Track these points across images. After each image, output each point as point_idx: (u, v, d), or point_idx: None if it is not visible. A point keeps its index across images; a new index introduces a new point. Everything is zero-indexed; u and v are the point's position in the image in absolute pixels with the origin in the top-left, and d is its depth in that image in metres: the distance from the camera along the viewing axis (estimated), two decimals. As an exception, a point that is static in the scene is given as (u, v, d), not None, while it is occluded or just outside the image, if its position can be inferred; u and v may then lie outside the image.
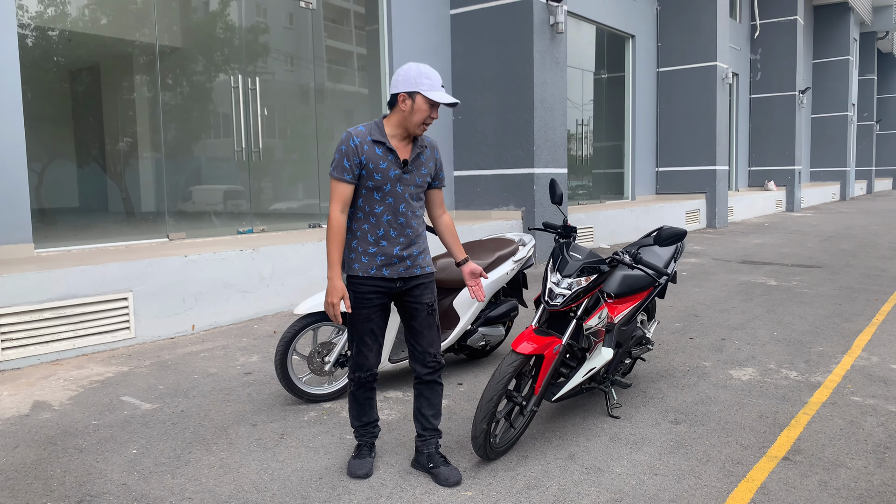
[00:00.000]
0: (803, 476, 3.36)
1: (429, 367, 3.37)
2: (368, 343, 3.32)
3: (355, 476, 3.38)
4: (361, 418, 3.50)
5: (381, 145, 3.18)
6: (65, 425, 4.12)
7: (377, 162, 3.16)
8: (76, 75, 7.38)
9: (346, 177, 3.15)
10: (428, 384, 3.41)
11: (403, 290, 3.31)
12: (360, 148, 3.14)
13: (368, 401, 3.48)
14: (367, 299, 3.26)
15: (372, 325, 3.30)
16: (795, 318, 6.71)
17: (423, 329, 3.35)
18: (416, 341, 3.36)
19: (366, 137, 3.17)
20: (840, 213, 21.32)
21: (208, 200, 8.41)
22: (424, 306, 3.33)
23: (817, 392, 4.55)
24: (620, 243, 13.27)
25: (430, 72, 3.15)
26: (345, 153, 3.14)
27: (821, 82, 27.14)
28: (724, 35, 16.28)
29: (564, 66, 11.05)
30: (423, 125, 3.18)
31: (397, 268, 3.25)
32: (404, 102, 3.15)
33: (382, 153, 3.17)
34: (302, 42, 9.37)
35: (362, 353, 3.33)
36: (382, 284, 3.26)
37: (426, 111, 3.15)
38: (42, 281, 5.44)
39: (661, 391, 4.61)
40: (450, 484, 3.29)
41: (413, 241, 3.29)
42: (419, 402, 3.43)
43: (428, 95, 3.12)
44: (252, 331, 6.47)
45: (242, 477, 3.41)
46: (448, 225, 3.47)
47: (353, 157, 3.14)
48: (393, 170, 3.18)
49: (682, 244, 4.75)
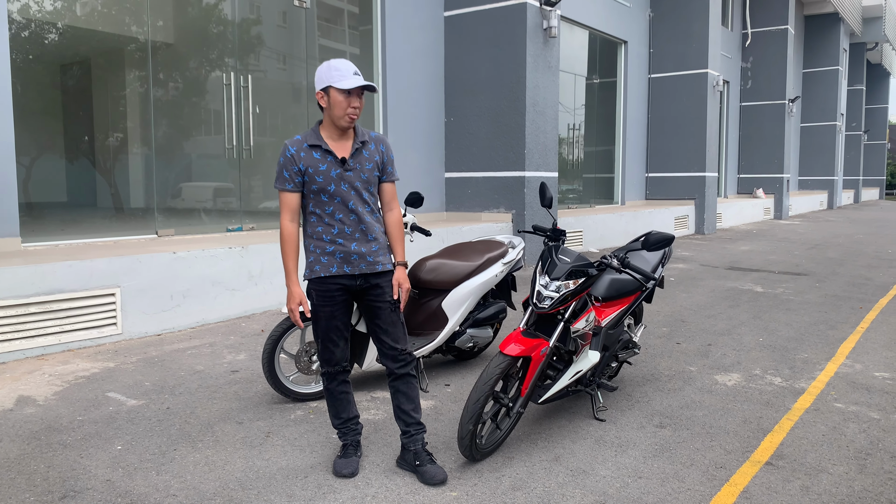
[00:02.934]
0: (786, 481, 3.39)
1: (399, 360, 3.42)
2: (334, 339, 3.39)
3: (341, 475, 3.38)
4: (340, 415, 3.52)
5: (318, 148, 3.25)
6: (49, 420, 4.10)
7: (316, 165, 3.23)
8: (67, 69, 7.34)
9: (287, 186, 3.24)
10: (401, 378, 3.44)
11: (364, 289, 3.36)
12: (296, 156, 3.23)
13: (344, 395, 3.50)
14: (330, 297, 3.32)
15: (336, 321, 3.37)
16: (781, 324, 6.77)
17: (389, 326, 3.39)
18: (383, 339, 3.40)
19: (302, 144, 3.25)
20: (827, 221, 21.50)
21: (198, 197, 8.38)
22: (387, 304, 3.38)
23: (801, 398, 4.59)
24: (609, 248, 13.32)
25: (339, 64, 3.20)
26: (283, 164, 3.24)
27: (810, 92, 27.36)
28: (715, 43, 16.39)
29: (557, 71, 11.09)
30: (346, 117, 3.21)
31: (357, 264, 3.30)
32: (322, 100, 3.23)
33: (320, 156, 3.25)
34: (295, 41, 9.36)
35: (328, 348, 3.40)
36: (345, 282, 3.32)
37: (343, 101, 3.19)
38: (29, 275, 5.40)
39: (647, 395, 4.64)
40: (435, 482, 3.30)
41: (370, 237, 3.33)
42: (397, 398, 3.46)
43: (337, 85, 3.15)
44: (240, 329, 6.45)
45: (228, 474, 3.40)
46: (393, 221, 3.46)
47: (292, 166, 3.23)
48: (333, 169, 3.25)
49: (670, 249, 4.78)
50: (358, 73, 3.21)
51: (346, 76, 3.16)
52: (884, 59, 36.89)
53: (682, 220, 16.20)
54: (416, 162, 10.91)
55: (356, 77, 3.18)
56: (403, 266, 3.43)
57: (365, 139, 3.35)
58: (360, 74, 3.21)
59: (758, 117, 21.92)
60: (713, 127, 16.59)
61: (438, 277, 4.87)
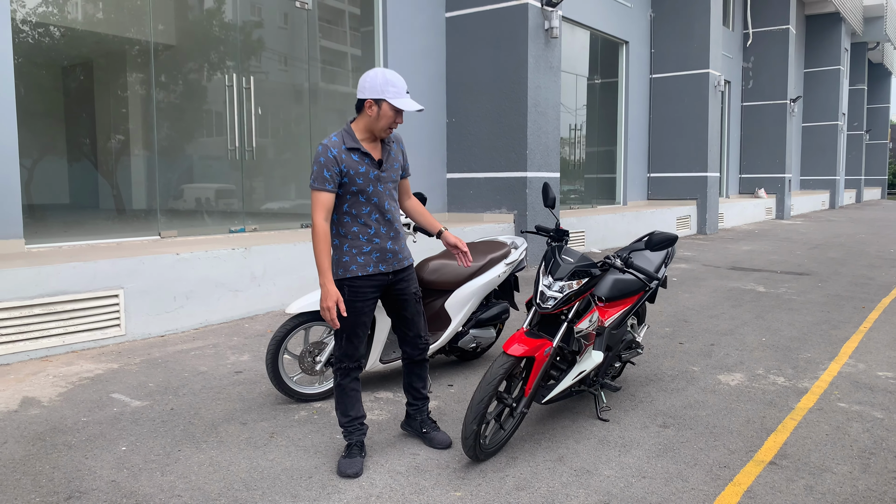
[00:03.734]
0: (789, 480, 3.39)
1: (420, 348, 3.70)
2: (360, 335, 3.50)
3: (345, 475, 3.40)
4: (349, 412, 3.56)
5: (356, 151, 3.35)
6: (54, 421, 4.11)
7: (356, 167, 3.33)
8: (69, 71, 7.36)
9: (327, 186, 3.29)
10: (418, 363, 3.75)
11: (392, 283, 3.54)
12: (338, 158, 3.30)
13: (354, 392, 3.57)
14: (363, 294, 3.44)
15: (365, 317, 3.48)
16: (784, 324, 6.77)
17: (413, 316, 3.65)
18: (407, 328, 3.66)
19: (341, 147, 3.33)
20: (829, 221, 21.48)
21: (201, 199, 8.40)
22: (412, 296, 3.62)
23: (804, 398, 4.59)
24: (611, 248, 13.32)
25: (395, 79, 3.30)
26: (324, 164, 3.29)
27: (812, 91, 27.35)
28: (716, 43, 16.39)
29: (558, 71, 11.10)
30: (388, 129, 3.37)
31: (391, 262, 3.49)
32: (371, 108, 3.30)
33: (359, 158, 3.35)
34: (297, 42, 9.37)
35: (353, 343, 3.48)
36: (379, 279, 3.48)
37: (391, 117, 3.33)
38: (32, 277, 5.42)
39: (650, 395, 4.64)
40: (443, 446, 3.68)
41: (398, 233, 3.54)
42: (410, 378, 3.77)
43: (394, 103, 3.27)
44: (243, 330, 6.46)
45: (232, 475, 3.41)
46: (416, 206, 3.75)
47: (333, 167, 3.29)
48: (371, 171, 3.37)
49: (673, 249, 4.79)
50: (409, 92, 3.34)
51: (401, 94, 3.30)
52: (885, 58, 36.86)
53: (684, 220, 16.20)
54: (418, 163, 10.92)
55: (408, 97, 3.33)
56: (445, 230, 3.74)
57: (391, 140, 3.53)
58: (409, 92, 3.35)
59: (759, 117, 21.91)
60: (715, 127, 16.59)
61: (441, 278, 4.87)
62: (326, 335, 4.53)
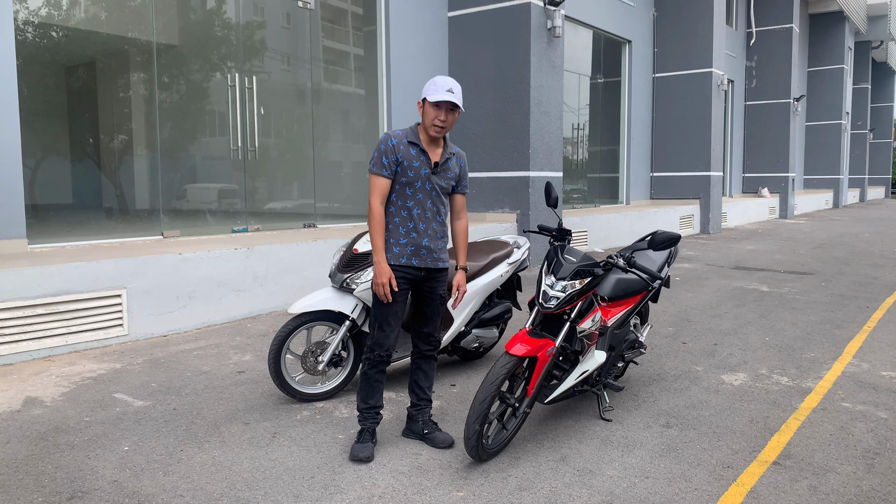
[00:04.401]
0: (793, 481, 3.38)
1: (430, 344, 3.82)
2: (392, 324, 3.63)
3: (357, 459, 3.55)
4: (368, 400, 3.72)
5: (416, 146, 3.57)
6: (56, 421, 4.11)
7: (411, 160, 3.54)
8: (73, 72, 7.36)
9: (384, 172, 3.52)
10: (427, 358, 3.83)
11: (423, 280, 3.69)
12: (396, 147, 3.53)
13: (378, 384, 3.72)
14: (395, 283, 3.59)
15: (396, 307, 3.62)
16: (787, 324, 6.75)
17: (433, 315, 3.78)
18: (423, 324, 3.78)
19: (402, 139, 3.56)
20: (833, 220, 21.43)
21: (203, 199, 8.40)
22: (438, 296, 3.76)
23: (808, 398, 4.57)
24: (614, 247, 13.31)
25: (439, 79, 3.51)
26: (383, 151, 3.52)
27: (815, 90, 27.29)
28: (720, 42, 16.35)
29: (561, 71, 11.09)
30: (434, 126, 3.52)
31: (425, 259, 3.63)
32: (420, 108, 3.58)
33: (416, 153, 3.56)
34: (299, 42, 9.37)
35: (384, 332, 3.62)
36: (410, 272, 3.62)
37: (431, 112, 3.52)
38: (35, 277, 5.42)
39: (653, 395, 4.63)
40: (445, 446, 3.70)
41: (438, 235, 3.67)
42: (417, 374, 3.84)
43: (428, 98, 3.50)
44: (245, 329, 6.46)
45: (234, 475, 3.41)
46: (461, 230, 3.80)
47: (391, 154, 3.52)
48: (424, 169, 3.56)
49: (676, 249, 4.77)
50: (452, 91, 3.47)
51: (439, 91, 3.46)
52: (889, 57, 36.75)
53: (687, 219, 16.17)
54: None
55: (446, 93, 3.46)
56: (464, 270, 3.77)
57: (453, 151, 3.71)
58: (454, 92, 3.48)
59: (763, 116, 21.86)
60: (718, 126, 16.56)
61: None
62: (329, 335, 4.53)
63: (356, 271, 4.40)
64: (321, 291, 4.48)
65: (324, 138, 9.72)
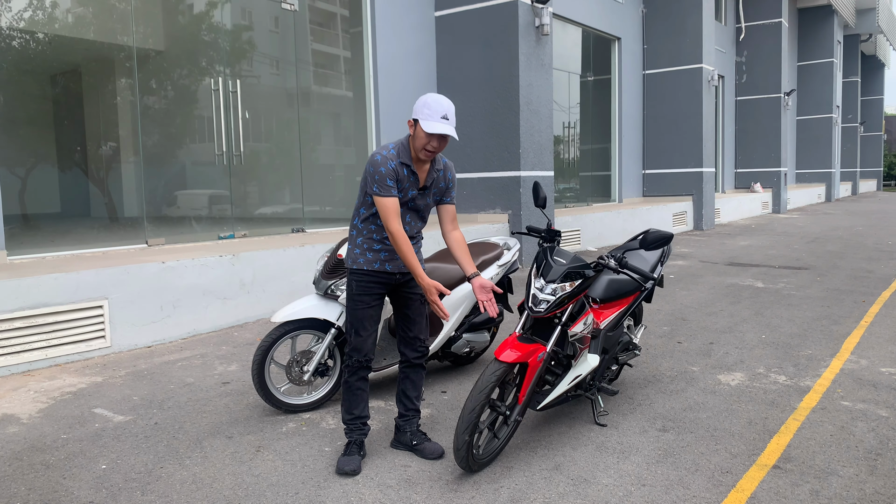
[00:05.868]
0: (794, 485, 3.27)
1: (418, 350, 3.71)
2: (367, 328, 3.58)
3: (343, 472, 3.44)
4: (353, 410, 3.63)
5: (407, 167, 3.47)
6: (32, 440, 3.97)
7: (404, 182, 3.48)
8: (57, 79, 7.22)
9: (393, 192, 3.42)
10: (415, 367, 3.73)
11: (401, 283, 3.64)
12: (397, 170, 3.44)
13: (360, 392, 3.63)
14: (368, 288, 3.56)
15: (371, 311, 3.57)
16: (783, 320, 6.65)
17: (416, 317, 3.69)
18: (408, 328, 3.69)
19: (396, 160, 3.45)
20: (826, 214, 21.39)
21: (188, 205, 8.25)
22: (417, 296, 3.68)
23: (807, 397, 4.47)
24: (607, 246, 13.21)
25: (434, 102, 3.36)
26: (385, 174, 3.40)
27: (805, 84, 27.26)
28: (709, 37, 16.28)
29: (550, 69, 10.98)
30: (424, 151, 3.40)
31: (398, 263, 3.57)
32: (412, 127, 3.43)
33: (408, 174, 3.48)
34: (285, 45, 9.24)
35: (360, 336, 3.57)
36: (384, 277, 3.58)
37: (423, 138, 3.38)
38: (13, 289, 5.28)
39: (649, 397, 4.51)
40: (435, 456, 3.59)
41: (412, 242, 3.62)
42: (405, 384, 3.73)
43: (422, 125, 3.33)
44: (232, 338, 6.32)
45: (215, 493, 3.28)
46: (458, 240, 3.65)
47: (394, 177, 3.43)
48: (412, 190, 3.51)
49: (669, 248, 4.66)
50: (447, 118, 3.34)
51: (433, 118, 3.33)
52: (878, 50, 36.80)
53: (681, 216, 16.09)
54: (410, 164, 10.76)
55: (441, 123, 3.32)
56: (478, 275, 3.54)
57: (440, 167, 3.60)
58: (448, 119, 3.35)
59: (754, 111, 21.81)
60: (709, 122, 16.49)
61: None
62: (314, 344, 4.40)
63: (341, 277, 4.27)
64: (305, 299, 4.35)
65: (311, 142, 9.59)
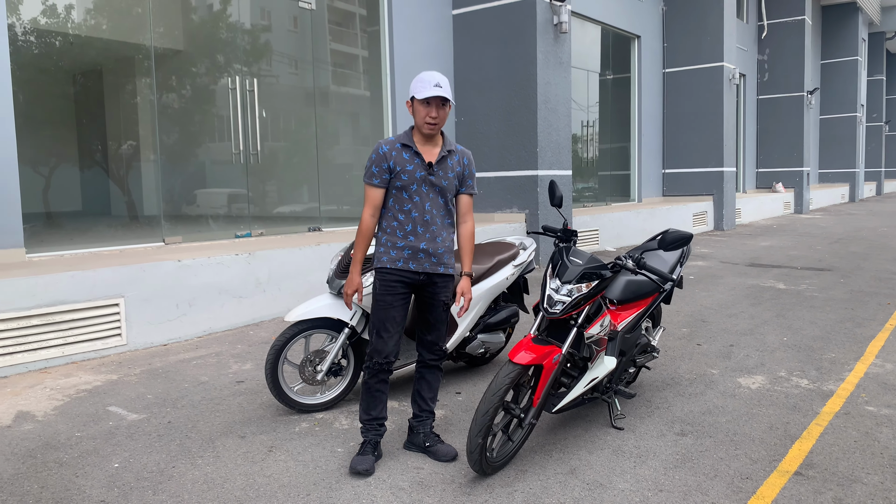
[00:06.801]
0: (817, 493, 3.18)
1: (435, 353, 3.64)
2: (389, 329, 3.51)
3: (356, 472, 3.41)
4: (370, 412, 3.60)
5: (409, 149, 3.45)
6: (47, 437, 3.97)
7: (404, 164, 3.43)
8: (78, 79, 7.26)
9: (374, 181, 3.44)
10: (431, 368, 3.67)
11: (424, 284, 3.55)
12: (388, 154, 3.43)
13: (379, 394, 3.59)
14: (391, 288, 3.49)
15: (394, 312, 3.51)
16: (805, 323, 6.52)
17: (437, 323, 3.61)
18: (427, 331, 3.62)
19: (394, 144, 3.46)
20: (849, 214, 21.06)
21: (206, 204, 8.27)
22: (440, 303, 3.58)
23: (830, 401, 4.36)
24: (626, 246, 13.08)
25: (424, 75, 3.38)
26: (374, 161, 3.44)
27: (829, 83, 26.87)
28: (730, 35, 16.08)
29: (568, 67, 10.88)
30: (426, 124, 3.39)
31: (422, 262, 3.49)
32: (409, 108, 3.46)
33: (409, 156, 3.44)
34: (302, 44, 9.23)
35: (382, 338, 3.52)
36: (408, 276, 3.51)
37: (421, 110, 3.39)
38: (31, 287, 5.30)
39: (667, 401, 4.43)
40: (448, 459, 3.52)
41: (438, 239, 3.51)
42: (420, 384, 3.68)
43: (416, 96, 3.37)
44: (247, 337, 6.32)
45: (227, 493, 3.25)
46: (466, 233, 3.61)
47: (382, 163, 3.43)
48: (419, 171, 3.44)
49: (688, 248, 4.57)
50: (440, 86, 3.34)
51: (426, 87, 3.33)
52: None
53: (701, 216, 15.91)
54: (427, 163, 10.72)
55: (434, 88, 3.33)
56: (469, 277, 3.57)
57: (451, 149, 3.54)
58: (441, 86, 3.34)
59: (776, 110, 21.52)
60: (730, 121, 16.29)
61: (447, 282, 4.69)
62: (328, 343, 4.37)
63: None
64: (319, 298, 4.32)
65: (328, 141, 9.58)
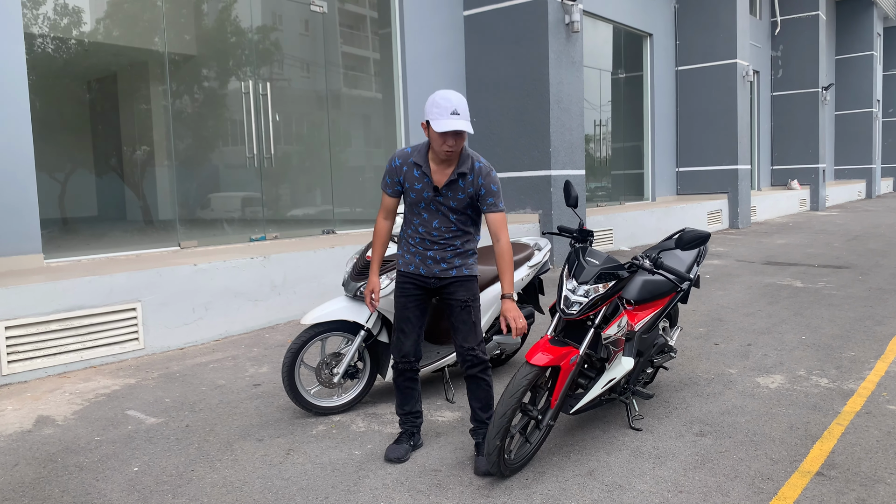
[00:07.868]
0: (839, 493, 3.15)
1: (468, 361, 3.53)
2: (405, 330, 3.59)
3: (389, 459, 3.57)
4: (403, 406, 3.72)
5: (419, 168, 3.41)
6: (67, 441, 4.00)
7: (413, 183, 3.44)
8: (93, 84, 7.32)
9: (387, 191, 3.56)
10: (471, 378, 3.57)
11: (439, 287, 3.56)
12: (399, 169, 3.46)
13: (409, 390, 3.70)
14: (405, 290, 3.59)
15: (408, 312, 3.58)
16: (824, 321, 6.46)
17: (458, 324, 3.53)
18: (454, 335, 3.58)
19: (407, 159, 3.45)
20: (866, 211, 20.85)
21: (220, 208, 8.31)
22: (458, 302, 3.52)
23: (850, 400, 4.32)
24: (641, 245, 13.02)
25: (442, 99, 3.20)
26: (388, 172, 3.52)
27: (844, 78, 26.62)
28: (743, 32, 15.97)
29: (581, 66, 10.85)
30: (445, 152, 3.27)
31: (431, 268, 3.52)
32: (426, 130, 3.32)
33: (419, 175, 3.42)
34: (314, 47, 9.26)
35: (399, 339, 3.62)
36: (419, 280, 3.57)
37: (437, 139, 3.25)
38: (49, 292, 5.35)
39: (685, 401, 4.40)
40: (478, 473, 3.41)
41: (448, 247, 3.49)
42: (468, 393, 3.64)
43: (433, 126, 3.20)
44: (263, 340, 6.34)
45: (245, 496, 3.26)
46: (499, 252, 3.43)
47: (394, 175, 3.50)
48: (426, 191, 3.42)
49: (705, 248, 4.54)
50: (457, 113, 3.19)
51: (443, 116, 3.18)
52: (920, 42, 35.78)
53: (716, 214, 15.81)
54: (440, 164, 10.71)
55: (451, 119, 3.17)
56: (510, 299, 3.37)
57: (464, 171, 3.36)
58: (459, 114, 3.19)
59: (790, 107, 21.35)
60: (744, 118, 16.17)
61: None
62: (344, 346, 4.37)
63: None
64: (335, 301, 4.33)
65: (341, 144, 9.60)
